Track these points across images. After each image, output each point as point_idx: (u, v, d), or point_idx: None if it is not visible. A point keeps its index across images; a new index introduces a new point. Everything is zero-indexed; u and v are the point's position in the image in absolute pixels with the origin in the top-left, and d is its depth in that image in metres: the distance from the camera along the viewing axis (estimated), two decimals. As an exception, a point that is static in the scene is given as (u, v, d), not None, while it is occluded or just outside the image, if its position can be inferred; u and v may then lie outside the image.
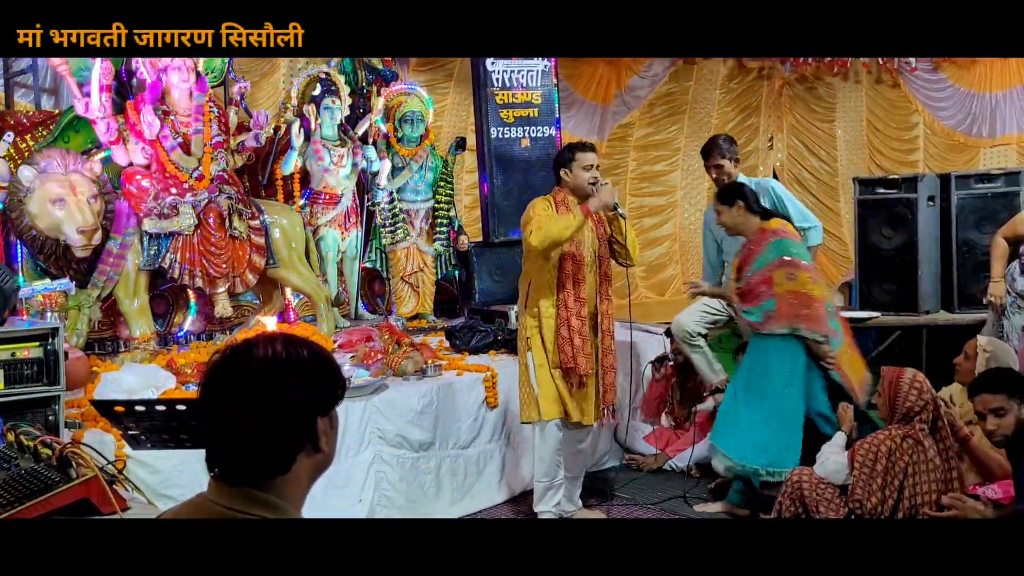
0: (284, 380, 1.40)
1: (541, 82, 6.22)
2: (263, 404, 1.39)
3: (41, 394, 3.25)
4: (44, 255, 4.46)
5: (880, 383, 3.77)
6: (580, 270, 4.09)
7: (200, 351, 4.85)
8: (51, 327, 3.31)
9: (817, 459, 4.19)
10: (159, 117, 4.75)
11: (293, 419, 1.41)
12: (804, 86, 9.06)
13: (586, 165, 4.05)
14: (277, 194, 5.65)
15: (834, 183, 9.03)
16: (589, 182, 4.02)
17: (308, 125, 5.56)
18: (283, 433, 1.41)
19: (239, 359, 1.43)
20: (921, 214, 6.10)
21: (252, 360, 1.42)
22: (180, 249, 4.75)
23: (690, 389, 5.32)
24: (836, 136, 9.04)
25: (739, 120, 9.12)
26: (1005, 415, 3.20)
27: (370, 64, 6.20)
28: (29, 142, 4.74)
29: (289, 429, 1.41)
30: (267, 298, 5.46)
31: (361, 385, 4.37)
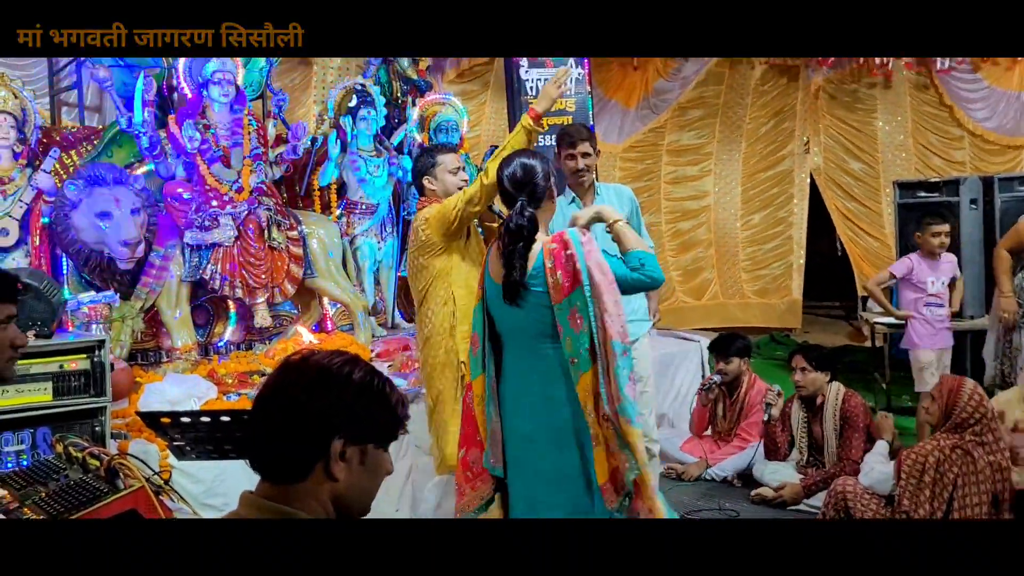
0: (318, 388, 1.40)
1: (575, 90, 6.21)
2: (292, 401, 1.40)
3: (88, 405, 3.31)
4: (89, 268, 4.55)
5: (937, 388, 3.70)
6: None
7: (240, 360, 4.91)
8: (97, 339, 3.37)
9: (861, 468, 4.14)
10: (199, 131, 4.83)
11: (310, 427, 1.39)
12: (841, 88, 8.95)
13: (452, 168, 3.56)
14: (315, 204, 5.71)
15: (876, 184, 8.92)
16: (459, 186, 3.52)
17: (344, 136, 5.61)
18: (296, 436, 1.40)
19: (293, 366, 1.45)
20: (964, 217, 6.00)
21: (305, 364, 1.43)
22: (220, 260, 4.82)
23: (734, 402, 5.26)
24: (877, 137, 8.92)
25: (773, 124, 9.05)
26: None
27: (404, 74, 6.26)
28: (74, 157, 4.84)
29: (303, 434, 1.40)
30: (305, 308, 5.51)
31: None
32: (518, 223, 2.71)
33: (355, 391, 1.43)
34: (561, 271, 2.64)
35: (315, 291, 5.38)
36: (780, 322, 9.10)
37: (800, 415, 4.77)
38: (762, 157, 9.11)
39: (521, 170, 2.78)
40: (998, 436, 3.57)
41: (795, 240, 9.17)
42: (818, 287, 9.70)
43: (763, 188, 9.18)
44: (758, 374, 5.33)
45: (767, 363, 7.61)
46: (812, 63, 8.53)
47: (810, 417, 4.74)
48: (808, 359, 4.69)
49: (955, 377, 3.71)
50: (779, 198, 9.21)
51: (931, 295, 5.11)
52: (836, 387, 4.66)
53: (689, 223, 8.93)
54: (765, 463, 4.79)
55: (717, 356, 5.16)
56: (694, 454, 5.24)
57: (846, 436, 4.52)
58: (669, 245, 8.92)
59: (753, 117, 9.03)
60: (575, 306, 2.61)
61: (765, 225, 9.22)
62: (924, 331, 5.10)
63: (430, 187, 3.57)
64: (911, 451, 3.60)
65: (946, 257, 5.20)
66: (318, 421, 1.40)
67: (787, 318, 9.15)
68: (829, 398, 4.64)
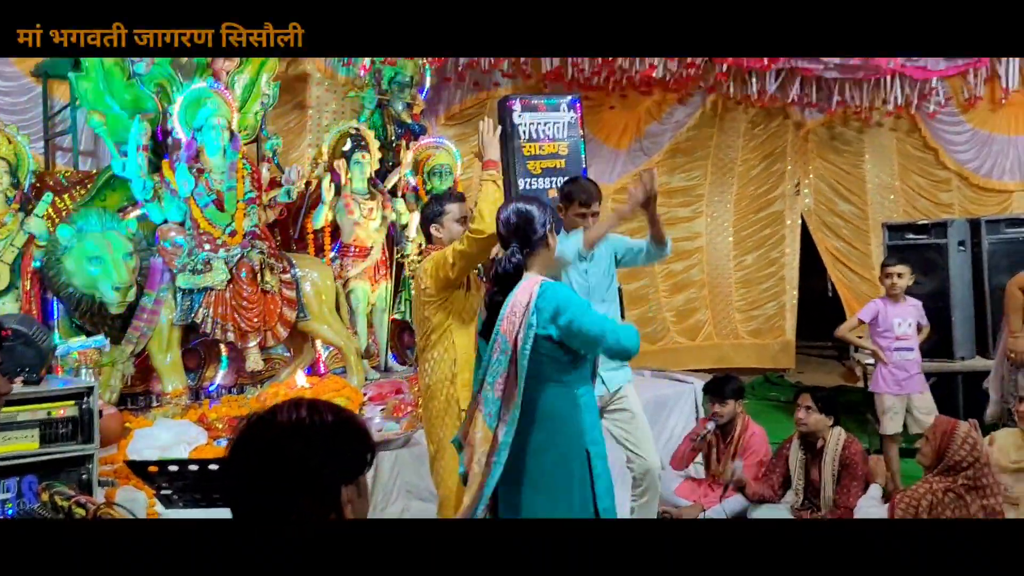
0: (306, 447, 1.38)
1: (567, 133, 6.27)
2: (285, 473, 1.37)
3: (76, 453, 3.27)
4: (79, 312, 4.55)
5: (931, 429, 3.69)
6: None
7: (231, 405, 4.87)
8: (86, 386, 3.35)
9: (854, 513, 4.12)
10: (193, 175, 4.85)
11: (315, 489, 1.38)
12: (831, 131, 9.07)
13: (458, 217, 3.53)
14: (308, 247, 5.72)
15: (865, 227, 8.99)
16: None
17: (338, 179, 5.65)
18: (305, 504, 1.38)
19: (263, 426, 1.42)
20: (952, 259, 6.05)
21: (275, 427, 1.40)
22: (213, 304, 4.81)
23: (728, 444, 5.22)
24: (865, 179, 9.02)
25: (764, 166, 9.14)
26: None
27: (399, 118, 6.31)
28: (68, 201, 4.86)
29: (311, 499, 1.38)
30: (298, 351, 5.49)
31: (391, 438, 4.36)
32: (504, 269, 2.71)
33: (339, 435, 1.43)
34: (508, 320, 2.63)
35: (308, 334, 5.37)
36: (774, 362, 9.09)
37: (799, 456, 4.75)
38: (753, 199, 9.19)
39: (515, 215, 2.78)
40: (992, 480, 3.56)
41: (787, 280, 9.21)
42: (811, 327, 9.71)
43: (755, 229, 9.24)
44: (753, 415, 5.30)
45: (762, 404, 7.59)
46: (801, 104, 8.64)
47: (809, 460, 4.72)
48: (815, 399, 4.68)
49: (949, 419, 3.70)
50: (771, 239, 9.27)
51: (898, 337, 5.09)
52: (838, 432, 4.64)
53: (682, 264, 8.97)
54: (758, 506, 4.75)
55: (712, 398, 5.12)
56: (689, 498, 5.19)
57: (844, 483, 4.49)
58: (663, 286, 8.95)
59: (744, 159, 9.12)
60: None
61: (758, 266, 9.27)
62: (890, 376, 5.08)
63: (437, 235, 3.57)
64: (904, 494, 3.59)
65: (911, 300, 5.20)
66: (321, 482, 1.39)
67: (781, 358, 9.14)
68: (830, 443, 4.61)
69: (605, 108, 8.25)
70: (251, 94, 5.41)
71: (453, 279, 3.33)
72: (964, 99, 8.43)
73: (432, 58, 6.47)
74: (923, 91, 8.27)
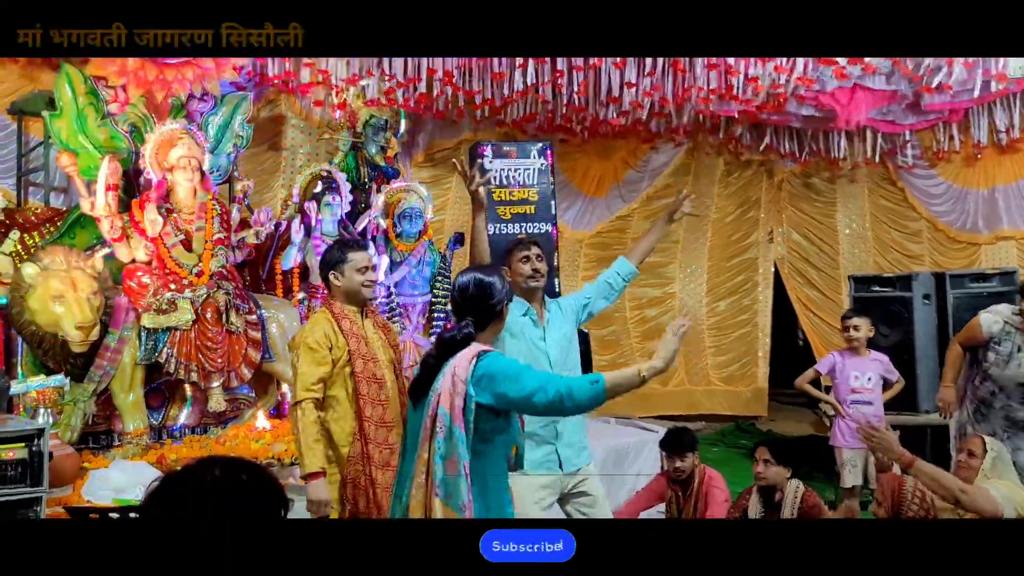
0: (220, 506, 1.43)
1: (538, 180, 6.36)
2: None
3: (24, 495, 3.26)
4: (42, 350, 4.53)
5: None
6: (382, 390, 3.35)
7: (192, 446, 4.85)
8: (37, 428, 3.34)
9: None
10: (162, 215, 4.88)
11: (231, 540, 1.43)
12: (804, 181, 9.20)
13: (360, 267, 3.37)
14: (277, 288, 5.74)
15: (837, 276, 9.08)
16: (364, 284, 3.38)
17: (309, 221, 5.69)
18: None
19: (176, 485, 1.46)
20: (917, 312, 6.12)
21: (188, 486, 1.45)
22: (177, 344, 4.81)
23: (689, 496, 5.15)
24: (837, 229, 9.13)
25: (738, 214, 9.25)
26: None
27: (372, 161, 6.38)
28: (36, 239, 4.87)
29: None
30: (262, 391, 5.48)
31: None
32: (452, 338, 2.57)
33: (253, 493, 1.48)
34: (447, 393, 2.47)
35: (273, 375, 5.37)
36: (746, 410, 9.12)
37: (758, 508, 4.75)
38: (727, 246, 9.29)
39: (475, 287, 2.62)
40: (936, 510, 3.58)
41: (760, 328, 9.28)
42: (784, 375, 9.75)
43: (728, 276, 9.33)
44: (722, 462, 5.28)
45: (731, 452, 7.60)
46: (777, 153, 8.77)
47: (768, 514, 4.72)
48: (772, 452, 4.69)
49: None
50: (744, 285, 9.35)
51: (854, 390, 5.12)
52: (795, 484, 4.65)
53: (655, 310, 9.02)
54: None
55: (671, 454, 5.00)
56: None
57: None
58: (634, 332, 8.99)
59: (719, 207, 9.23)
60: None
61: (731, 312, 9.33)
62: (847, 430, 5.10)
63: (335, 283, 3.39)
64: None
65: (874, 355, 5.22)
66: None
67: (753, 406, 9.17)
68: (788, 495, 4.62)
69: (579, 155, 8.34)
70: (224, 135, 5.47)
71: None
72: (933, 152, 8.57)
73: (410, 103, 6.54)
74: (898, 143, 8.42)
